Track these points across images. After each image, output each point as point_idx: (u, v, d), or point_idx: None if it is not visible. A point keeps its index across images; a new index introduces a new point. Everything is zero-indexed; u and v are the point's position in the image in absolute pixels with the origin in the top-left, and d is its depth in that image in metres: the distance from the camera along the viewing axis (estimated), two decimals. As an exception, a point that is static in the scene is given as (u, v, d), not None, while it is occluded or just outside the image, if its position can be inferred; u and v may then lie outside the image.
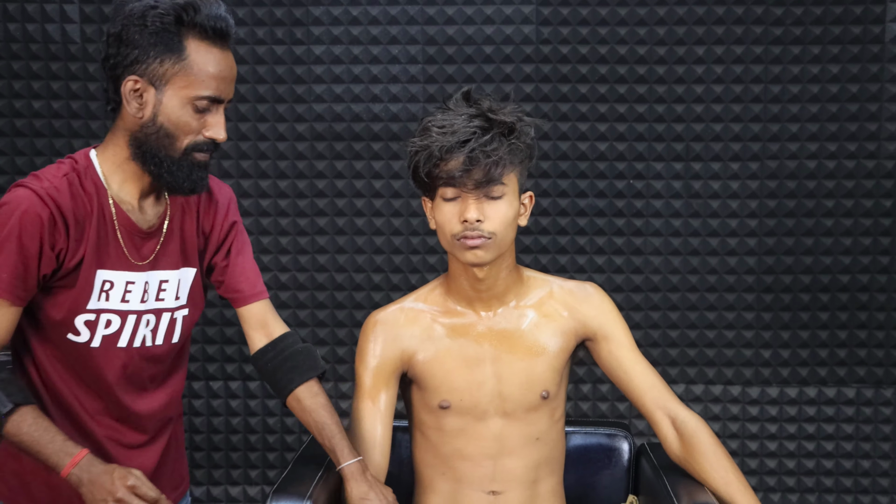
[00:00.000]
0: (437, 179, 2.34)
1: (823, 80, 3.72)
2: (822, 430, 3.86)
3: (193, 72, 2.12)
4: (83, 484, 2.10)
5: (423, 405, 2.51)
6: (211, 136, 2.18)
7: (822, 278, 3.80)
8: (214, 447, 3.89)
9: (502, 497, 2.49)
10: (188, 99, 2.13)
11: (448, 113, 2.36)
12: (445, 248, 2.41)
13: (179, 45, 2.11)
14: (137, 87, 2.13)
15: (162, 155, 2.16)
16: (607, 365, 2.51)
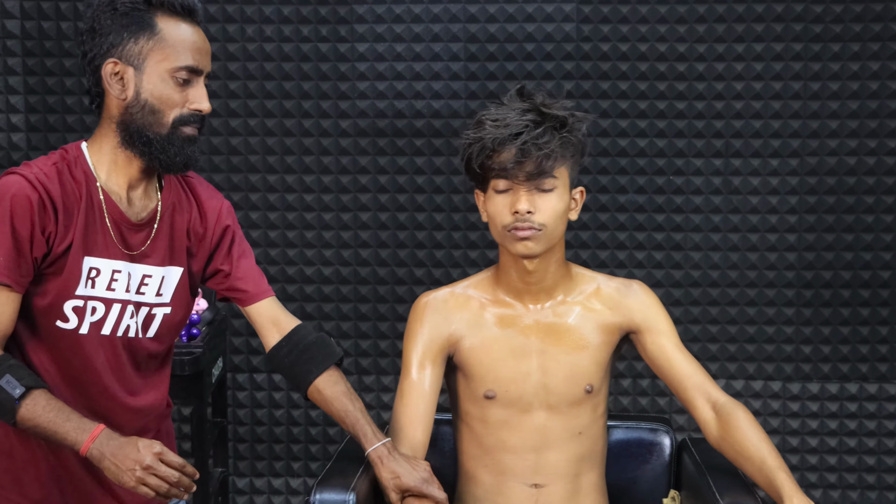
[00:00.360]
0: (489, 171, 2.39)
1: (863, 76, 3.72)
2: (864, 427, 3.86)
3: (169, 44, 2.16)
4: (105, 458, 2.09)
5: (469, 395, 2.53)
6: (195, 108, 2.20)
7: (862, 274, 3.80)
8: (258, 439, 3.93)
9: (545, 490, 2.51)
10: (168, 72, 2.17)
11: (502, 107, 2.41)
12: (496, 239, 2.45)
13: (151, 22, 2.15)
14: (117, 70, 2.17)
15: (151, 134, 2.18)
16: (650, 355, 2.53)
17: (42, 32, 3.74)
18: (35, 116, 3.79)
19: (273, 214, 3.82)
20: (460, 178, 3.79)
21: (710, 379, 2.49)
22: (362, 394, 3.89)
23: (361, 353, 3.88)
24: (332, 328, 3.86)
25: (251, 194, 3.80)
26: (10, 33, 3.74)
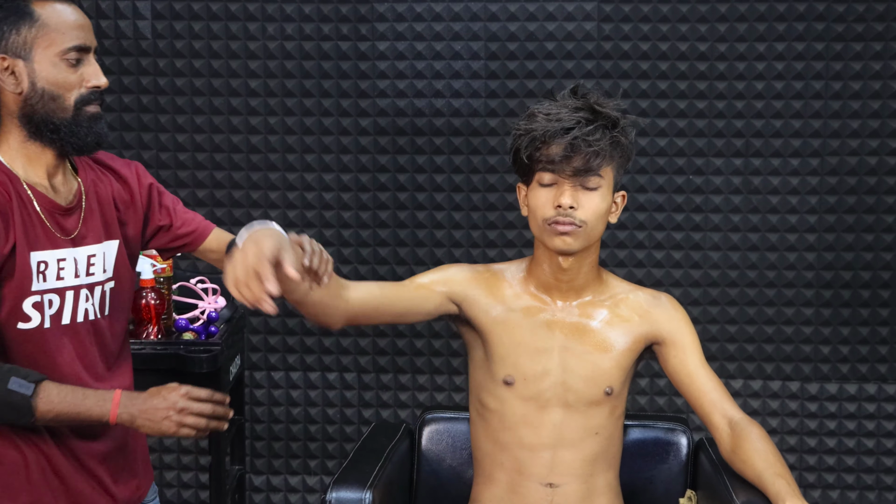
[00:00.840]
0: (536, 163, 2.40)
1: (885, 76, 3.70)
2: (882, 427, 3.84)
3: (52, 29, 2.17)
4: (135, 417, 2.15)
5: (489, 379, 2.53)
6: (93, 85, 2.22)
7: (882, 275, 3.78)
8: (275, 437, 3.94)
9: (560, 490, 2.51)
10: (57, 55, 2.17)
11: (555, 103, 2.42)
12: (535, 233, 2.46)
13: (28, 10, 2.16)
14: (6, 65, 2.17)
15: (56, 120, 2.19)
16: (672, 369, 2.53)
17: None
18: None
19: (292, 213, 3.83)
20: (479, 176, 3.79)
21: (729, 396, 2.49)
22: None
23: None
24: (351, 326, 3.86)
25: (270, 192, 3.81)
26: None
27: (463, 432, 2.81)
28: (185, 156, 3.82)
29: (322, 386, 3.91)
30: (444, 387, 3.88)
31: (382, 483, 2.50)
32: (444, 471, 2.79)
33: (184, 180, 3.81)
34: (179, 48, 3.77)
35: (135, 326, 3.02)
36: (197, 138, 3.80)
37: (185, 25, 3.75)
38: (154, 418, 2.16)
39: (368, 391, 3.91)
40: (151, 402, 2.17)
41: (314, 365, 3.90)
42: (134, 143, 3.81)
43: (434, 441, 2.81)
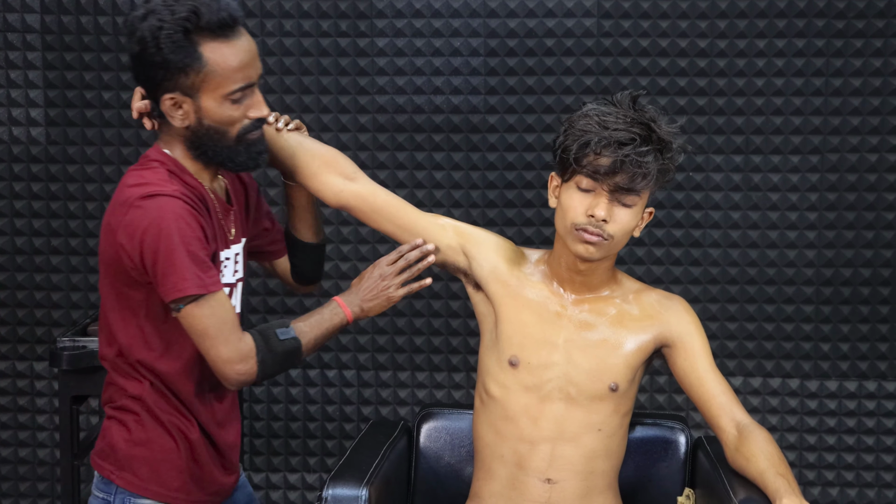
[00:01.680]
0: (580, 166, 2.38)
1: (886, 73, 3.69)
2: (882, 425, 3.84)
3: (218, 73, 2.21)
4: (362, 305, 2.41)
5: (495, 361, 2.53)
6: (255, 117, 2.28)
7: (882, 272, 3.78)
8: (274, 434, 3.93)
9: (558, 486, 2.51)
10: (223, 97, 2.23)
11: (611, 107, 2.41)
12: (559, 230, 2.45)
13: (196, 54, 2.19)
14: (175, 102, 2.23)
15: (219, 147, 2.28)
16: (680, 371, 2.53)
17: (62, 27, 3.75)
18: (54, 111, 3.80)
19: (291, 209, 3.82)
20: (478, 173, 3.79)
21: (738, 401, 2.49)
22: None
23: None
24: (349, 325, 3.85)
25: (270, 189, 3.80)
26: (30, 27, 3.76)
27: (461, 430, 2.80)
28: (183, 152, 3.81)
29: (321, 383, 3.91)
30: (443, 384, 3.88)
31: (379, 480, 2.49)
32: (442, 468, 2.79)
33: (182, 177, 3.81)
34: (178, 45, 3.76)
35: None
36: (195, 135, 3.79)
37: (184, 22, 3.75)
38: (378, 296, 2.41)
39: (367, 388, 3.91)
40: (365, 287, 2.42)
41: (313, 362, 3.90)
42: (132, 139, 3.80)
43: (432, 438, 2.81)
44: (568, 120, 2.44)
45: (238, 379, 2.24)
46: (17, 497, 3.94)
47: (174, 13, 2.17)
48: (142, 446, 2.33)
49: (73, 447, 3.12)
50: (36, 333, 3.89)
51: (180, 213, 2.18)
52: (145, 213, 2.18)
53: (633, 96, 2.43)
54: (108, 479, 2.35)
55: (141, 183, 2.22)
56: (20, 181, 3.82)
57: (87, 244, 3.84)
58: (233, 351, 2.21)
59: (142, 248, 2.17)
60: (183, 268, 2.16)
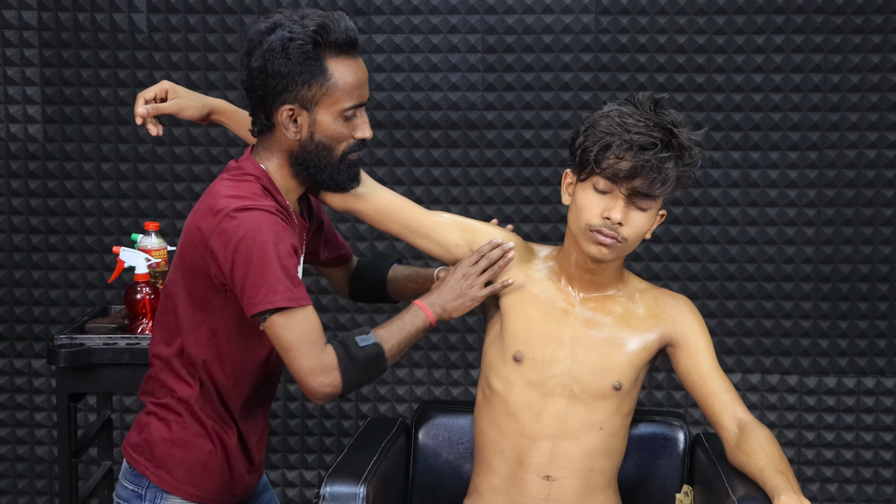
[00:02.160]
0: (598, 167, 2.36)
1: (884, 69, 3.69)
2: (881, 421, 3.84)
3: (339, 88, 2.29)
4: (445, 306, 2.42)
5: (499, 357, 2.53)
6: (360, 137, 2.35)
7: (880, 268, 3.78)
8: (273, 431, 3.93)
9: (557, 484, 2.50)
10: (338, 113, 2.30)
11: (632, 109, 2.39)
12: (573, 230, 2.44)
13: (322, 68, 2.27)
14: (293, 114, 2.29)
15: (323, 164, 2.34)
16: (683, 370, 2.52)
17: (59, 23, 3.75)
18: (52, 108, 3.79)
19: (289, 206, 3.82)
20: (477, 170, 3.78)
21: (741, 400, 2.49)
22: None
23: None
24: (348, 320, 3.86)
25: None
26: (28, 24, 3.75)
27: (460, 427, 2.80)
28: (181, 150, 3.81)
29: (319, 380, 3.90)
30: (441, 381, 3.88)
31: (377, 477, 2.49)
32: (441, 465, 2.78)
33: (180, 174, 3.81)
34: (175, 41, 3.76)
35: (129, 321, 3.02)
36: (193, 132, 3.79)
37: (181, 18, 3.74)
38: (458, 297, 2.43)
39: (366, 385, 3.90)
40: (448, 289, 2.44)
41: (311, 359, 3.89)
42: (130, 137, 3.80)
43: (430, 435, 2.80)
44: (588, 119, 2.42)
45: (323, 391, 2.25)
46: (16, 494, 3.94)
47: (305, 27, 2.25)
48: (180, 447, 2.38)
49: (71, 444, 3.12)
50: (34, 331, 3.89)
51: (275, 229, 2.23)
52: (241, 224, 2.22)
53: (654, 99, 2.41)
54: (142, 474, 2.39)
55: (237, 195, 2.26)
56: (17, 178, 3.82)
57: (85, 241, 3.84)
58: (315, 363, 2.23)
59: (234, 257, 2.21)
60: (275, 280, 2.20)
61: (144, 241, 3.08)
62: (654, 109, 2.40)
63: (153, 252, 3.05)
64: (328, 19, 2.26)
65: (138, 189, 3.82)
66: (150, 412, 2.41)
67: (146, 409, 2.43)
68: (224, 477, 2.42)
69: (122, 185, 3.82)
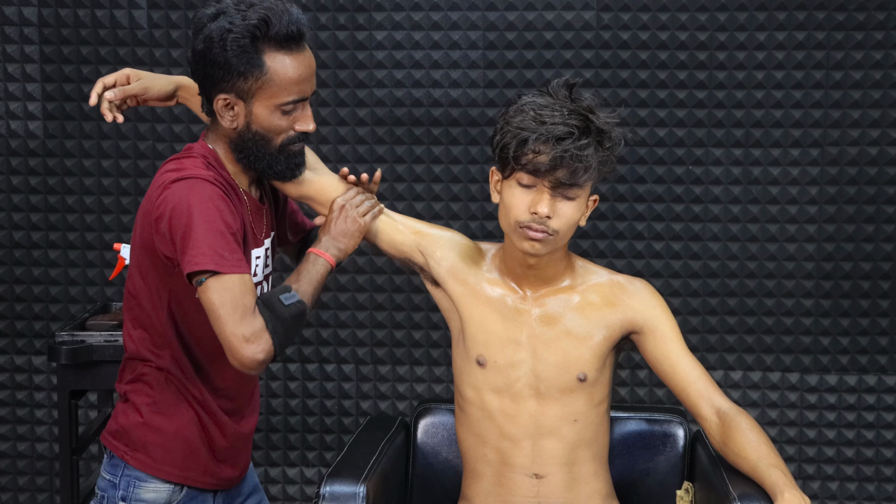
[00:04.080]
0: (518, 164, 2.34)
1: (886, 65, 3.68)
2: (882, 419, 3.83)
3: (276, 83, 2.27)
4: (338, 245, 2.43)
5: (465, 361, 2.52)
6: (301, 130, 2.33)
7: (882, 265, 3.77)
8: (272, 428, 3.93)
9: (545, 481, 2.50)
10: (275, 106, 2.29)
11: (547, 99, 2.36)
12: (504, 228, 2.42)
13: (259, 62, 2.25)
14: (228, 102, 2.28)
15: (261, 153, 2.33)
16: (652, 358, 2.49)
17: (59, 20, 3.75)
18: (52, 104, 3.79)
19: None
20: (477, 167, 3.78)
21: (714, 385, 2.46)
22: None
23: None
24: (348, 317, 3.86)
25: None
26: (28, 21, 3.75)
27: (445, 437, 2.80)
28: (181, 146, 3.79)
29: (320, 378, 3.90)
30: (442, 378, 3.88)
31: (377, 476, 2.49)
32: (440, 464, 2.78)
33: (180, 171, 3.80)
34: (175, 38, 3.76)
35: None
36: (193, 128, 3.78)
37: (181, 15, 3.74)
38: (345, 233, 2.43)
39: (366, 383, 3.90)
40: (333, 231, 2.43)
41: (312, 356, 3.89)
42: (130, 133, 3.79)
43: (429, 434, 2.80)
44: (503, 115, 2.39)
45: (254, 358, 2.19)
46: (16, 491, 3.94)
47: (245, 19, 2.23)
48: (155, 432, 2.37)
49: (72, 441, 3.12)
50: (34, 328, 3.89)
51: (209, 194, 2.22)
52: (175, 192, 2.21)
53: (568, 85, 2.38)
54: (118, 462, 2.39)
55: (177, 168, 2.28)
56: (18, 175, 3.82)
57: (85, 238, 3.83)
58: (245, 328, 2.18)
59: (170, 224, 2.20)
60: (202, 243, 2.17)
61: (144, 238, 3.07)
62: (569, 96, 2.37)
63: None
64: (271, 12, 2.23)
65: (139, 186, 3.82)
66: (126, 398, 2.40)
67: (121, 399, 2.42)
68: (204, 451, 2.39)
69: (123, 182, 3.82)
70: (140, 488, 2.37)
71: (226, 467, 2.45)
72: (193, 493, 2.41)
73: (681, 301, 3.80)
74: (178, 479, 2.38)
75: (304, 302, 2.28)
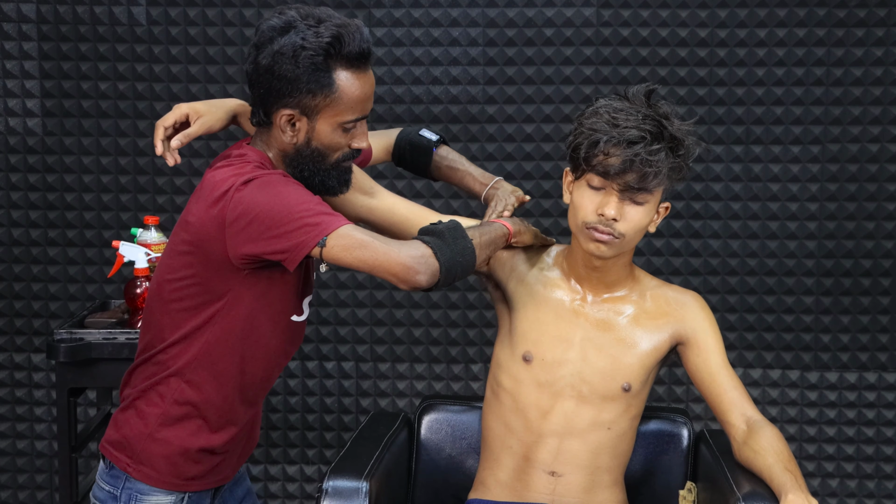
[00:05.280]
0: (590, 165, 2.35)
1: (887, 62, 3.68)
2: (882, 416, 3.83)
3: (343, 102, 2.25)
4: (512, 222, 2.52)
5: (509, 356, 2.53)
6: (357, 147, 2.32)
7: (883, 263, 3.77)
8: (273, 426, 3.92)
9: (563, 480, 2.50)
10: (338, 124, 2.27)
11: (623, 103, 2.37)
12: (571, 228, 2.45)
13: (329, 80, 2.23)
14: (291, 119, 2.26)
15: (316, 169, 2.32)
16: (693, 368, 2.51)
17: (58, 17, 3.73)
18: (51, 101, 3.78)
19: (289, 200, 3.80)
20: (477, 164, 3.76)
21: (750, 399, 2.48)
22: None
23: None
24: (348, 315, 3.85)
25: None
26: (26, 17, 3.74)
27: (462, 422, 2.79)
28: (181, 143, 3.79)
29: (320, 375, 3.90)
30: (442, 376, 3.87)
31: (380, 472, 2.48)
32: (443, 460, 2.78)
33: (180, 168, 3.79)
34: (175, 35, 3.75)
35: (129, 315, 3.01)
36: (193, 126, 3.77)
37: (181, 12, 3.73)
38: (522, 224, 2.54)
39: (366, 380, 3.90)
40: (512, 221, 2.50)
41: (312, 354, 3.89)
42: (129, 130, 3.78)
43: (433, 430, 2.80)
44: (579, 117, 2.41)
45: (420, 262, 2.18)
46: (16, 489, 3.93)
47: (318, 35, 2.20)
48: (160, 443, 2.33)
49: (71, 439, 3.12)
50: (33, 325, 3.88)
51: (285, 181, 2.22)
52: (251, 193, 2.18)
53: (647, 91, 2.40)
54: (119, 473, 2.36)
55: (239, 173, 2.23)
56: (17, 172, 3.81)
57: (84, 236, 3.82)
58: (401, 246, 2.19)
59: (257, 222, 2.16)
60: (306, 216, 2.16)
61: (144, 236, 3.07)
62: (647, 102, 2.38)
63: (153, 246, 3.05)
64: (344, 30, 2.21)
65: (138, 183, 3.81)
66: (130, 405, 2.36)
67: (124, 405, 2.37)
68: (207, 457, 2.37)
69: (122, 180, 3.81)
70: (142, 501, 2.35)
71: (228, 465, 2.44)
72: (195, 498, 2.40)
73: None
74: (183, 489, 2.37)
75: (461, 226, 2.29)
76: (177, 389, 2.32)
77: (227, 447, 2.39)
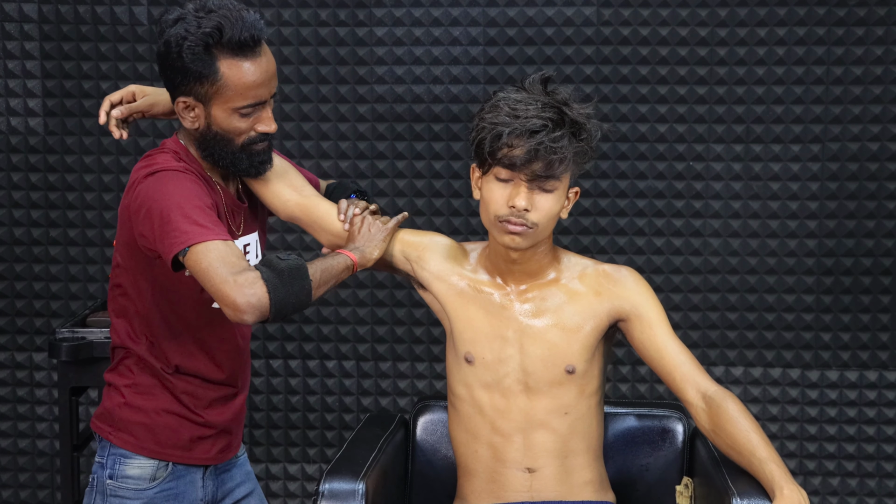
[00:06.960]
0: (495, 159, 2.36)
1: (887, 61, 3.68)
2: (883, 415, 3.83)
3: (230, 88, 2.32)
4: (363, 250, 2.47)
5: (455, 360, 2.54)
6: (261, 131, 2.39)
7: (883, 261, 3.77)
8: (273, 425, 3.93)
9: (538, 474, 2.50)
10: (232, 110, 2.34)
11: (522, 94, 2.37)
12: (485, 224, 2.44)
13: (212, 69, 2.31)
14: (187, 105, 2.35)
15: (224, 152, 2.40)
16: (638, 345, 2.49)
17: (59, 16, 3.74)
18: (52, 101, 3.79)
19: (290, 199, 3.81)
20: (478, 163, 3.77)
21: (700, 367, 2.46)
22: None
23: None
24: (349, 314, 3.86)
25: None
26: (28, 17, 3.75)
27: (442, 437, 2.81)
28: (182, 143, 3.81)
29: (320, 374, 3.90)
30: (443, 375, 3.87)
31: (376, 473, 2.49)
32: (439, 461, 2.78)
33: (181, 167, 3.80)
34: (176, 34, 3.75)
35: None
36: (194, 125, 3.78)
37: (182, 11, 3.74)
38: (373, 239, 2.49)
39: (367, 379, 3.90)
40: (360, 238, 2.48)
41: (313, 353, 3.89)
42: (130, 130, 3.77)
43: (429, 431, 2.80)
44: (479, 112, 2.41)
45: (247, 301, 2.17)
46: (17, 488, 3.94)
47: (200, 26, 2.28)
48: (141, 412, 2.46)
49: (73, 438, 3.13)
50: (35, 324, 3.89)
51: (181, 181, 2.30)
52: (148, 186, 2.29)
53: (543, 79, 2.40)
54: (105, 443, 2.47)
55: (149, 164, 2.35)
56: (18, 172, 3.82)
57: (86, 235, 3.83)
58: (239, 276, 2.18)
59: (148, 217, 2.26)
60: (181, 223, 2.22)
61: (144, 235, 3.08)
62: (544, 91, 2.38)
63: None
64: (226, 20, 2.28)
65: (139, 182, 3.81)
66: (109, 383, 2.50)
67: (106, 385, 2.52)
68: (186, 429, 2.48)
69: (124, 179, 3.81)
70: (125, 465, 2.44)
71: (213, 443, 2.52)
72: (180, 470, 2.48)
73: (682, 297, 3.80)
74: (161, 457, 2.46)
75: (302, 262, 2.28)
76: (140, 360, 2.45)
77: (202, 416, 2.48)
